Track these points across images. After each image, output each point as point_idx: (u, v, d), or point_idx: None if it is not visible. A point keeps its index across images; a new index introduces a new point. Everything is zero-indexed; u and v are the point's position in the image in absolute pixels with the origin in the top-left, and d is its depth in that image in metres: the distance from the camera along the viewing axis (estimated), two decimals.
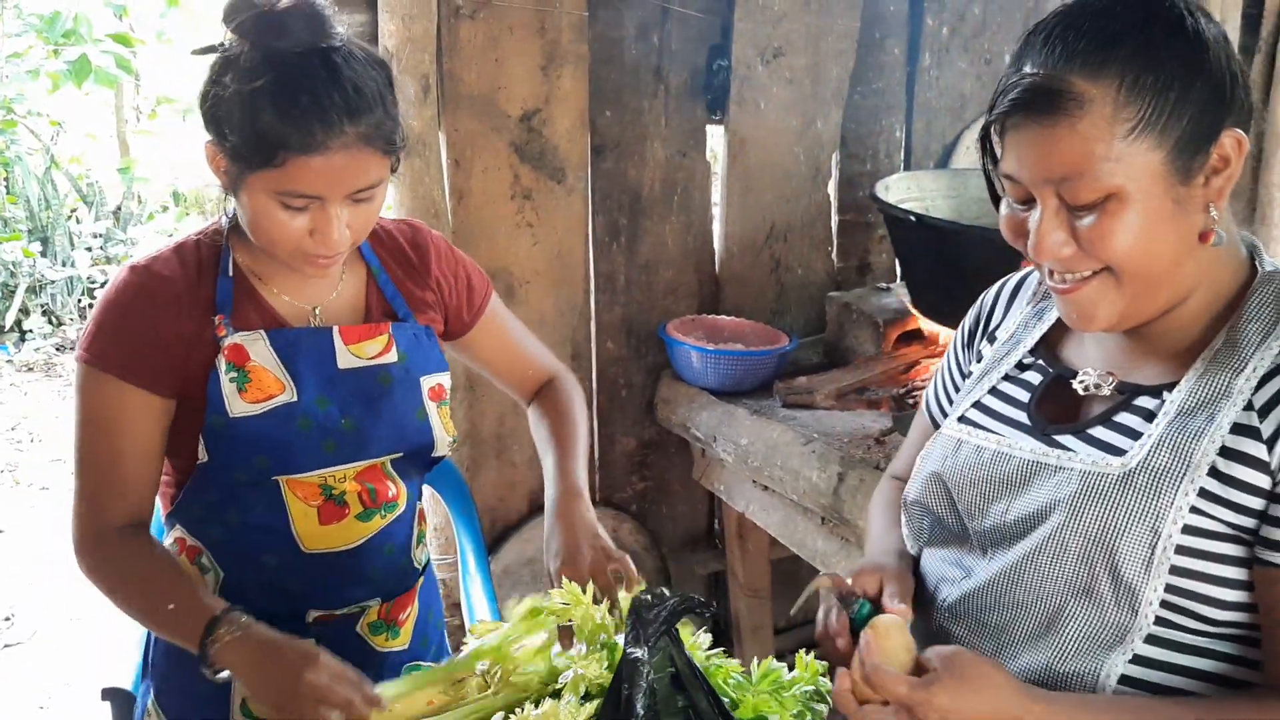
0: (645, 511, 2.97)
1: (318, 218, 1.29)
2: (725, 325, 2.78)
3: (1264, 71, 3.52)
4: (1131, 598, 1.04)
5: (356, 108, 1.25)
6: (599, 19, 2.57)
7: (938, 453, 1.25)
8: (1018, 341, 1.27)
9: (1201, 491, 1.02)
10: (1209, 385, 1.05)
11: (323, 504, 1.43)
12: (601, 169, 2.67)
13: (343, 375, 1.42)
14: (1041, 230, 1.03)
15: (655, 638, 1.11)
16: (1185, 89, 0.98)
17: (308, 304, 1.44)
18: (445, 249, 1.57)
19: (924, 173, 2.80)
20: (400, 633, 1.55)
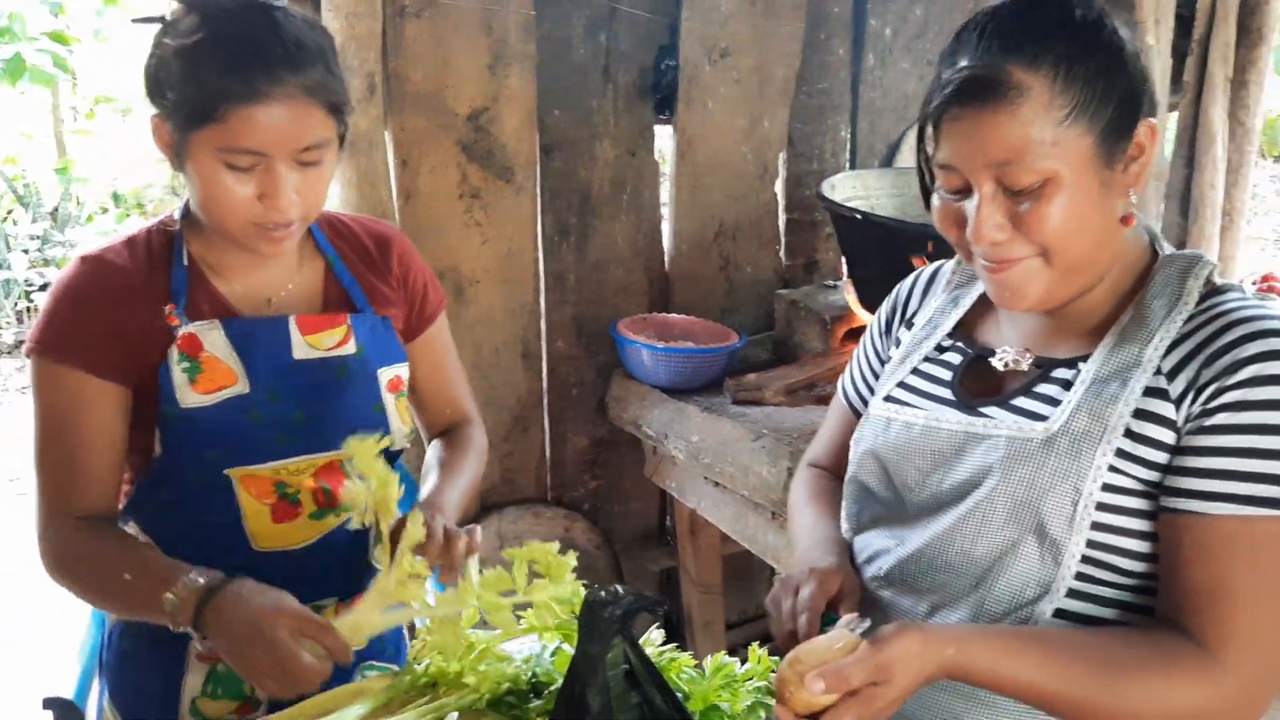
0: (597, 510, 2.97)
1: (265, 181, 1.27)
2: (675, 323, 2.79)
3: (1196, 73, 3.61)
4: (1056, 552, 1.10)
5: (297, 58, 1.25)
6: (546, 18, 2.57)
7: (869, 432, 1.31)
8: (935, 326, 1.34)
9: (1118, 451, 1.09)
10: (1120, 355, 1.13)
11: (276, 502, 1.41)
12: (550, 168, 2.68)
13: (298, 366, 1.40)
14: (981, 215, 1.09)
15: (609, 635, 1.11)
16: (1111, 79, 1.07)
17: (263, 294, 1.42)
18: (408, 248, 1.57)
19: (869, 171, 2.83)
20: None
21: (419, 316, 1.57)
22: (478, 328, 2.64)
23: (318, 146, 1.29)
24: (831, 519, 1.38)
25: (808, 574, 1.21)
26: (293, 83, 1.24)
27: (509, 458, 2.79)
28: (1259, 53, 3.64)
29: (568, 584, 1.28)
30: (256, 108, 1.23)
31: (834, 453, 1.48)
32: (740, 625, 3.14)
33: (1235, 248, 3.85)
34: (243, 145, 1.24)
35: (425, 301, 1.57)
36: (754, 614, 3.22)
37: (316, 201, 1.34)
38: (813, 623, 1.14)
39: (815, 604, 1.16)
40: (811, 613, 1.15)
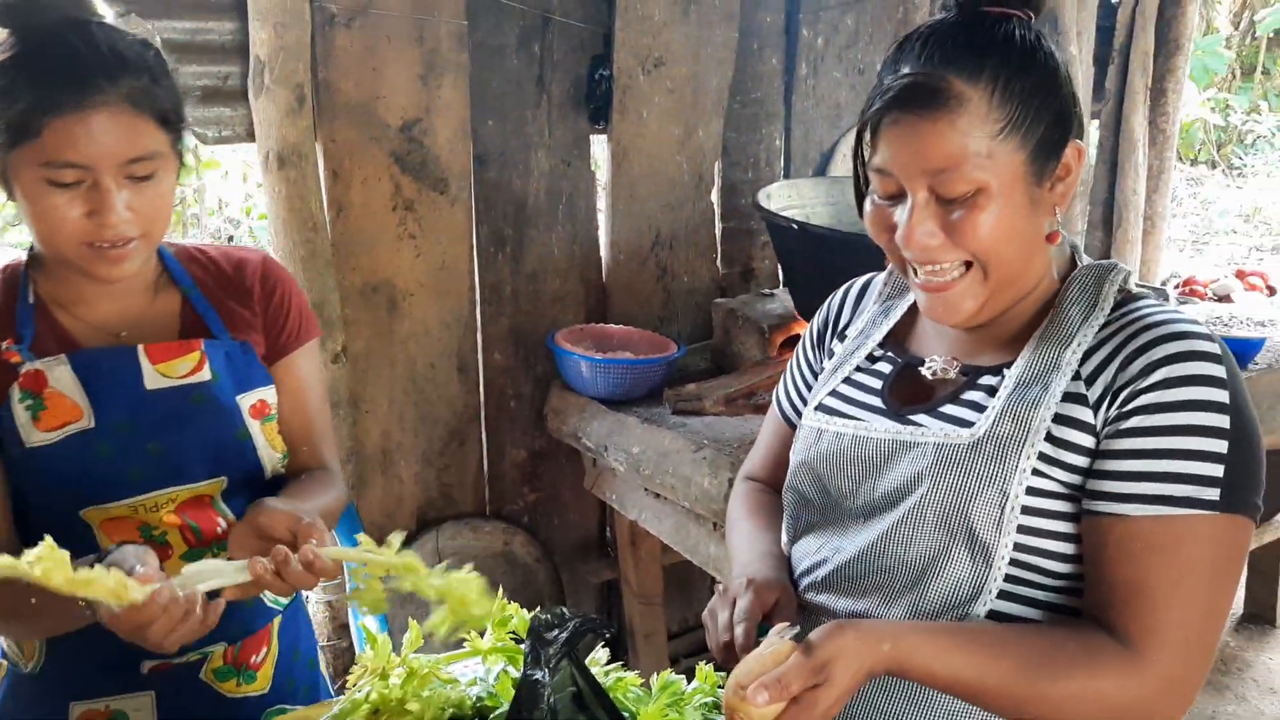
0: (537, 522, 2.95)
1: (92, 197, 1.21)
2: (613, 333, 2.78)
3: (1117, 81, 3.70)
4: (986, 555, 1.12)
5: (114, 67, 1.20)
6: (479, 28, 2.54)
7: (802, 444, 1.32)
8: (867, 337, 1.36)
9: (1040, 455, 1.11)
10: (1041, 358, 1.16)
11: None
12: (485, 179, 2.65)
13: (150, 396, 1.34)
14: (913, 221, 1.11)
15: (556, 659, 1.10)
16: (1045, 99, 1.10)
17: (115, 329, 1.36)
18: (275, 272, 1.49)
19: (804, 181, 2.85)
20: (256, 676, 1.45)
21: (279, 338, 1.48)
22: (412, 341, 2.60)
23: (147, 159, 1.23)
24: (769, 532, 1.38)
25: (744, 585, 1.21)
26: (111, 92, 1.19)
27: (446, 472, 2.75)
28: (1176, 62, 3.74)
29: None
30: (72, 118, 1.18)
31: (770, 465, 1.49)
32: (682, 635, 3.14)
33: (1157, 251, 3.96)
34: (62, 158, 1.19)
35: (287, 325, 1.48)
36: (695, 623, 3.22)
37: (156, 219, 1.28)
38: (749, 633, 1.14)
39: (752, 615, 1.16)
40: (748, 623, 1.15)
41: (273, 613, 1.48)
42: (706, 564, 2.39)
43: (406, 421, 2.65)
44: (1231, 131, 9.80)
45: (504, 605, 1.36)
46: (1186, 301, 3.20)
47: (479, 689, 1.29)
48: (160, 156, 1.25)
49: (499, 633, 1.34)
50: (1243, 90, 9.83)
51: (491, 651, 1.33)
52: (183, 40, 2.22)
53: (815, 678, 1.00)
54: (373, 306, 2.52)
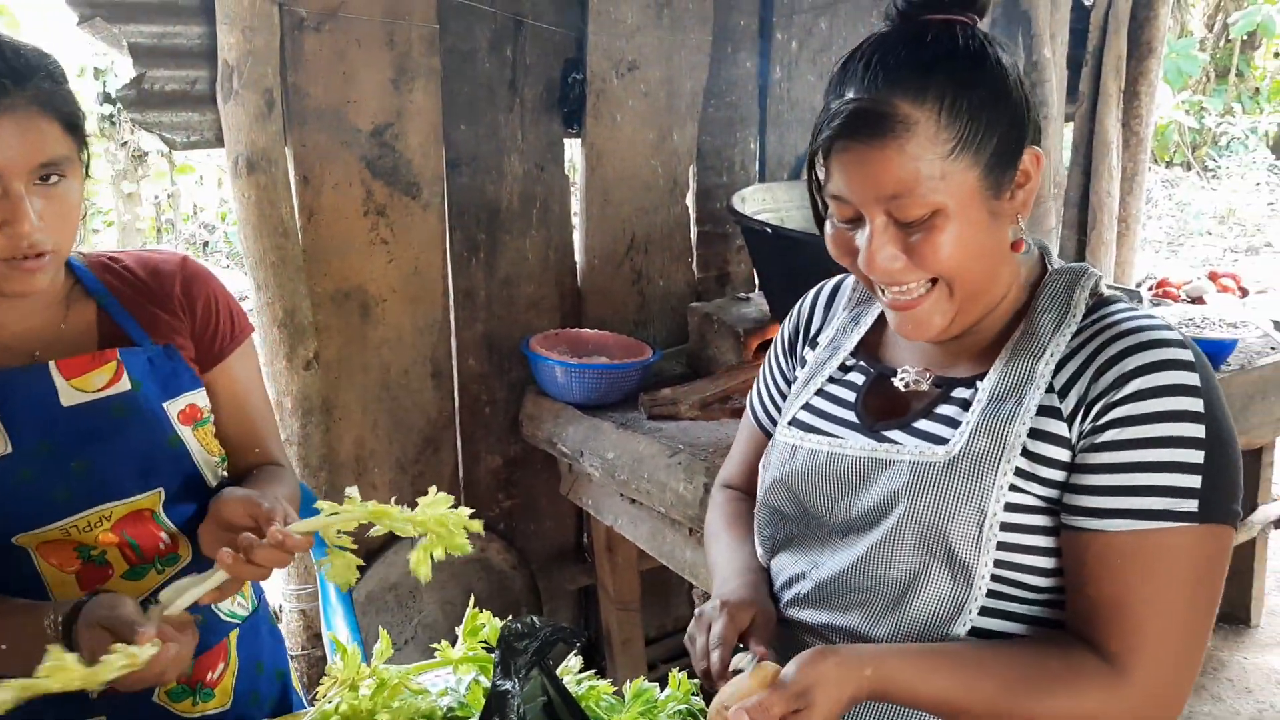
0: (513, 529, 2.93)
1: (3, 207, 1.17)
2: (588, 338, 2.77)
3: (1090, 84, 3.72)
4: (966, 574, 1.11)
5: (19, 70, 1.17)
6: (450, 31, 2.53)
7: (776, 459, 1.31)
8: (838, 346, 1.35)
9: (1017, 470, 1.10)
10: (1014, 371, 1.15)
11: (81, 568, 1.29)
12: (458, 183, 2.63)
13: (67, 414, 1.29)
14: (873, 247, 1.10)
15: (526, 668, 1.08)
16: (994, 111, 1.07)
17: (28, 347, 1.31)
18: (197, 274, 1.45)
19: (778, 184, 2.85)
20: (214, 694, 1.42)
21: (212, 343, 1.44)
22: (385, 348, 2.58)
23: (55, 164, 1.20)
24: (747, 545, 1.37)
25: (719, 609, 1.19)
26: (18, 95, 1.16)
27: (420, 479, 2.73)
28: (1149, 64, 3.77)
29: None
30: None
31: (747, 472, 1.47)
32: (659, 641, 3.13)
33: (1132, 253, 3.98)
34: None
35: (218, 329, 1.44)
36: (672, 629, 3.21)
37: (67, 229, 1.24)
38: (724, 659, 1.13)
39: (727, 639, 1.15)
40: (724, 648, 1.14)
41: (229, 626, 1.45)
42: (683, 569, 2.38)
43: (380, 428, 2.63)
44: (1206, 133, 9.90)
45: (475, 614, 1.35)
46: (1160, 303, 3.22)
47: (450, 699, 1.27)
48: (68, 162, 1.22)
49: (470, 642, 1.33)
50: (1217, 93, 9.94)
51: (462, 661, 1.32)
52: (150, 44, 2.19)
53: (796, 703, 1.00)
54: (345, 313, 2.50)
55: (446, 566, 2.79)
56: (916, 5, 1.10)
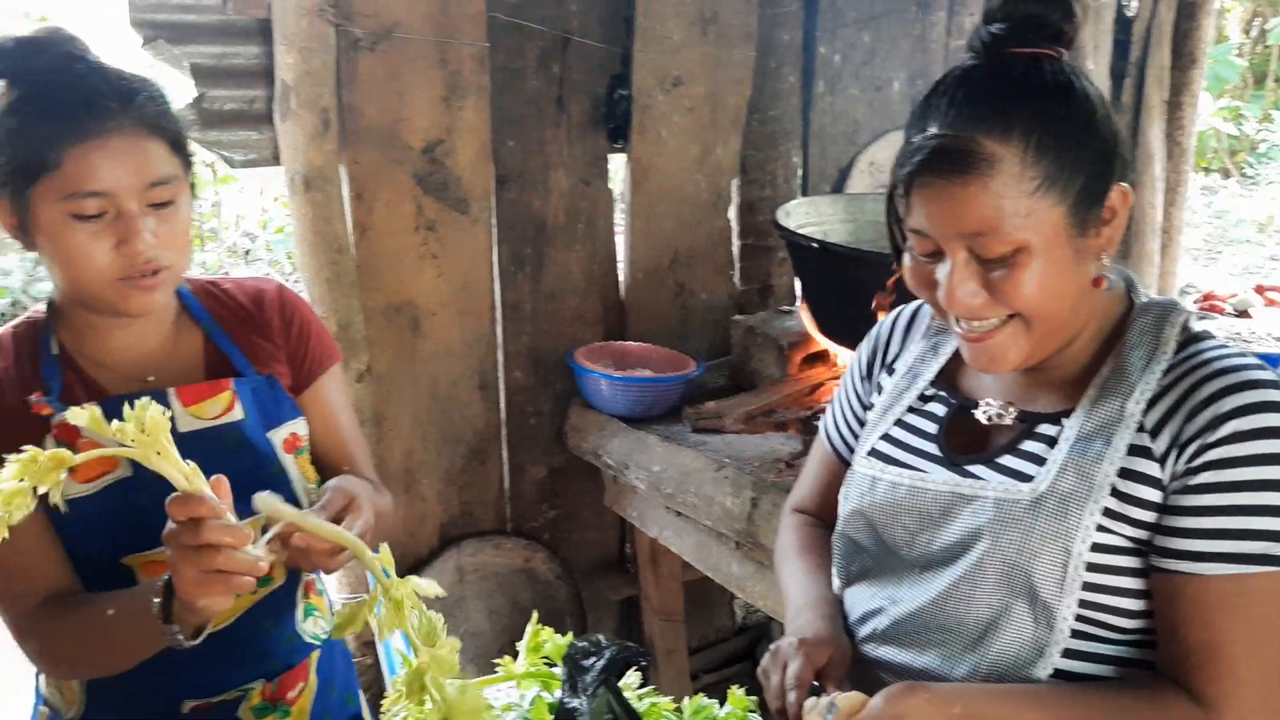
0: (557, 540, 2.96)
1: (118, 227, 1.21)
2: (632, 351, 2.80)
3: (1133, 95, 3.71)
4: (1049, 615, 1.10)
5: (125, 92, 1.22)
6: (500, 50, 2.56)
7: (855, 491, 1.30)
8: (916, 375, 1.33)
9: (1105, 511, 1.09)
10: (1103, 411, 1.13)
11: None
12: (505, 199, 2.67)
13: (183, 440, 1.29)
14: (953, 282, 1.09)
15: (593, 687, 1.11)
16: (1081, 148, 1.06)
17: (140, 373, 1.35)
18: (291, 301, 1.49)
19: (822, 198, 2.86)
20: (291, 711, 1.46)
21: (304, 368, 1.48)
22: (434, 360, 2.62)
23: (165, 183, 1.24)
24: (821, 573, 1.37)
25: (795, 646, 1.19)
26: (123, 116, 1.21)
27: (467, 489, 2.77)
28: (1192, 75, 3.75)
29: None
30: (91, 145, 1.18)
31: (819, 497, 1.46)
32: (702, 651, 3.15)
33: (1174, 264, 3.96)
34: (85, 188, 1.19)
35: (309, 352, 1.49)
36: (715, 639, 3.23)
37: (179, 247, 1.28)
38: (799, 702, 1.13)
39: (802, 680, 1.15)
40: (799, 689, 1.14)
41: (311, 648, 1.49)
42: (729, 583, 2.40)
43: (429, 440, 2.67)
44: (1244, 140, 9.78)
45: (538, 630, 1.38)
46: (1205, 316, 3.20)
47: (514, 715, 1.30)
48: (177, 181, 1.26)
49: (532, 658, 1.36)
50: (1255, 98, 9.82)
51: (525, 676, 1.34)
52: (210, 65, 2.24)
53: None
54: (396, 326, 2.54)
55: (492, 576, 2.83)
56: (1001, 39, 1.09)
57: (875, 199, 2.69)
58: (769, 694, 1.19)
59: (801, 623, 1.27)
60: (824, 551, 1.38)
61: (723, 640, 3.25)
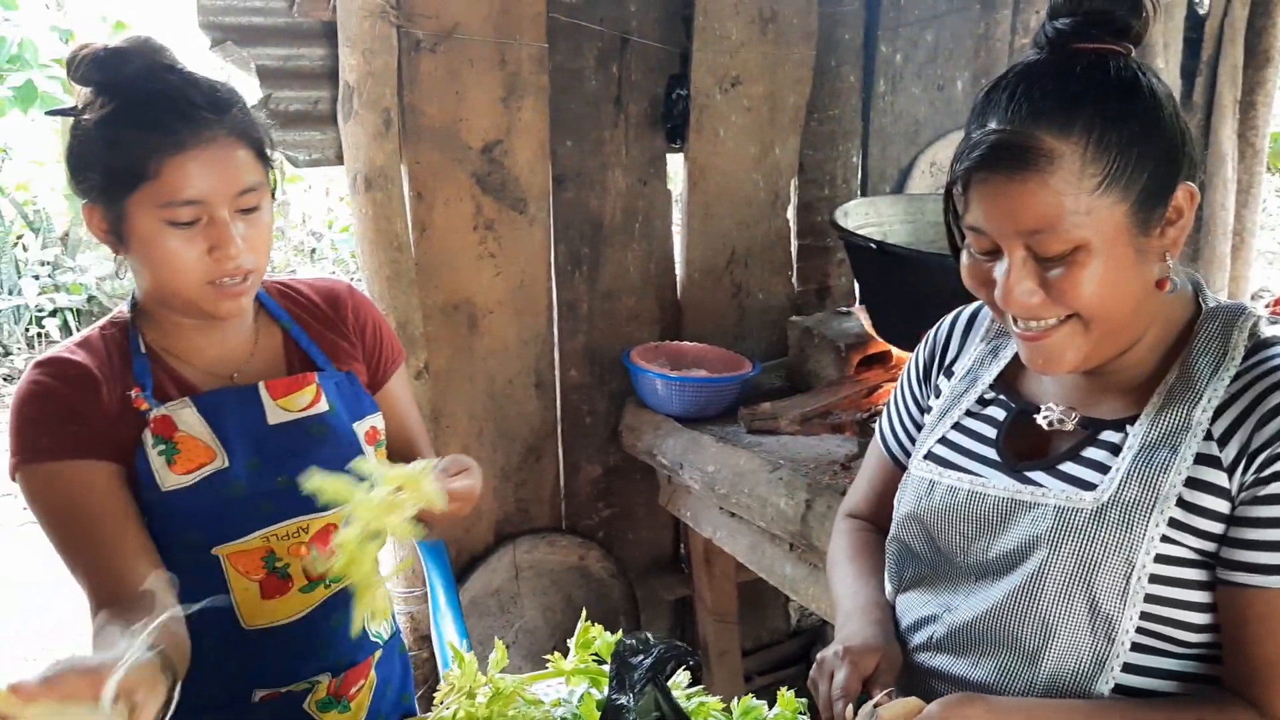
0: (611, 538, 2.97)
1: (211, 232, 1.26)
2: (688, 351, 2.79)
3: (1205, 94, 3.62)
4: (1108, 627, 1.07)
5: (218, 103, 1.26)
6: (559, 50, 2.58)
7: (910, 494, 1.28)
8: (975, 378, 1.31)
9: (1171, 521, 1.06)
10: (1168, 418, 1.10)
11: (265, 578, 1.38)
12: (563, 198, 2.69)
13: (274, 432, 1.38)
14: (1010, 280, 1.06)
15: (640, 684, 1.11)
16: (1145, 145, 1.03)
17: (226, 371, 1.40)
18: (362, 302, 1.55)
19: (881, 198, 2.84)
20: (351, 708, 1.50)
21: (378, 367, 1.54)
22: (491, 359, 2.65)
23: (253, 190, 1.29)
24: (872, 578, 1.35)
25: (840, 655, 1.18)
26: (218, 126, 1.25)
27: (523, 487, 2.79)
28: (1266, 74, 3.66)
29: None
30: (187, 155, 1.23)
31: (873, 501, 1.45)
32: (755, 652, 3.14)
33: (1246, 267, 3.86)
34: (181, 196, 1.24)
35: (382, 354, 1.54)
36: (769, 641, 3.21)
37: (263, 251, 1.33)
38: (843, 711, 1.12)
39: (849, 690, 1.14)
40: (846, 698, 1.13)
41: (374, 646, 1.52)
42: (782, 584, 2.39)
43: (485, 436, 2.69)
44: None
45: (587, 627, 1.39)
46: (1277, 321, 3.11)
47: (563, 710, 1.31)
48: (262, 187, 1.31)
49: (582, 654, 1.37)
50: None
51: (574, 673, 1.35)
52: (276, 66, 2.29)
53: None
54: (454, 324, 2.57)
55: (547, 574, 2.84)
56: (1066, 34, 1.06)
57: (936, 199, 2.66)
58: (819, 704, 1.18)
59: (849, 630, 1.26)
60: (876, 556, 1.37)
61: (777, 642, 3.23)
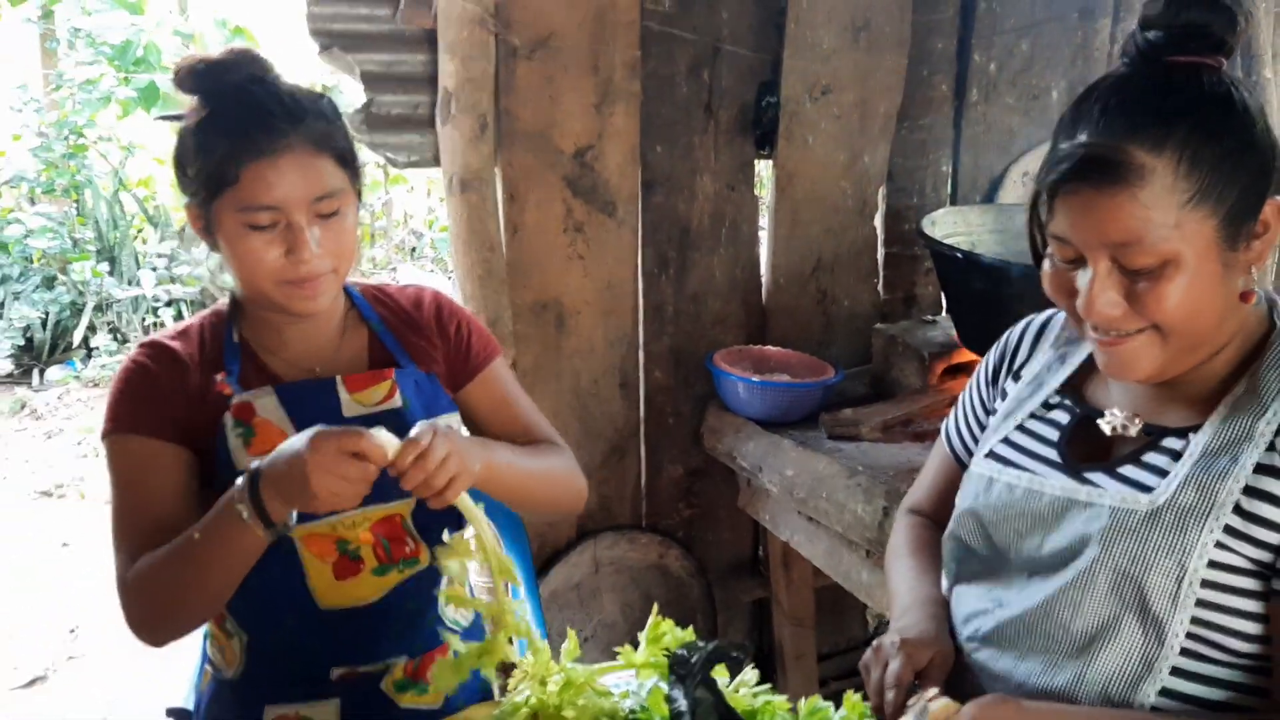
0: (691, 538, 3.01)
1: (287, 236, 1.34)
2: (772, 356, 2.82)
3: None
4: (1158, 630, 1.08)
5: (296, 113, 1.34)
6: (651, 57, 2.63)
7: (970, 490, 1.30)
8: (1041, 383, 1.32)
9: (1226, 528, 1.06)
10: (1232, 428, 1.10)
11: (338, 560, 1.44)
12: (651, 202, 2.73)
13: (348, 423, 1.44)
14: (1094, 291, 1.07)
15: (694, 686, 1.15)
16: (1238, 162, 1.03)
17: (310, 365, 1.49)
18: (447, 305, 1.62)
19: (970, 208, 2.82)
20: (429, 691, 1.54)
21: (465, 363, 1.60)
22: (577, 358, 2.71)
23: (331, 196, 1.36)
24: (931, 574, 1.37)
25: (897, 645, 1.20)
26: (294, 135, 1.33)
27: (605, 484, 2.85)
28: None
29: None
30: (264, 163, 1.31)
31: (935, 498, 1.47)
32: (832, 658, 3.14)
33: None
34: (259, 202, 1.32)
35: (470, 351, 1.60)
36: (846, 646, 3.21)
37: (343, 253, 1.40)
38: (898, 701, 1.14)
39: (902, 680, 1.16)
40: (898, 689, 1.15)
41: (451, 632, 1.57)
42: (858, 590, 2.40)
43: (570, 434, 2.74)
44: None
45: (658, 622, 1.42)
46: None
47: (631, 701, 1.34)
48: (342, 193, 1.38)
49: (652, 648, 1.40)
50: None
51: (644, 666, 1.39)
52: (379, 71, 2.39)
53: None
54: (542, 323, 2.64)
55: (627, 571, 2.90)
56: (1159, 46, 1.06)
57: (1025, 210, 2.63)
58: (868, 688, 1.20)
59: (907, 622, 1.28)
60: (935, 553, 1.38)
61: (853, 648, 3.23)
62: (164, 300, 6.43)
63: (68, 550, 4.32)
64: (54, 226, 6.43)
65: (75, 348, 6.35)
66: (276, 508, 1.26)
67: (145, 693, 3.29)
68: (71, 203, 6.78)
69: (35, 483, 4.92)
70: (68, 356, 6.32)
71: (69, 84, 6.71)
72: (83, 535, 4.38)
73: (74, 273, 6.31)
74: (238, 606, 1.46)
